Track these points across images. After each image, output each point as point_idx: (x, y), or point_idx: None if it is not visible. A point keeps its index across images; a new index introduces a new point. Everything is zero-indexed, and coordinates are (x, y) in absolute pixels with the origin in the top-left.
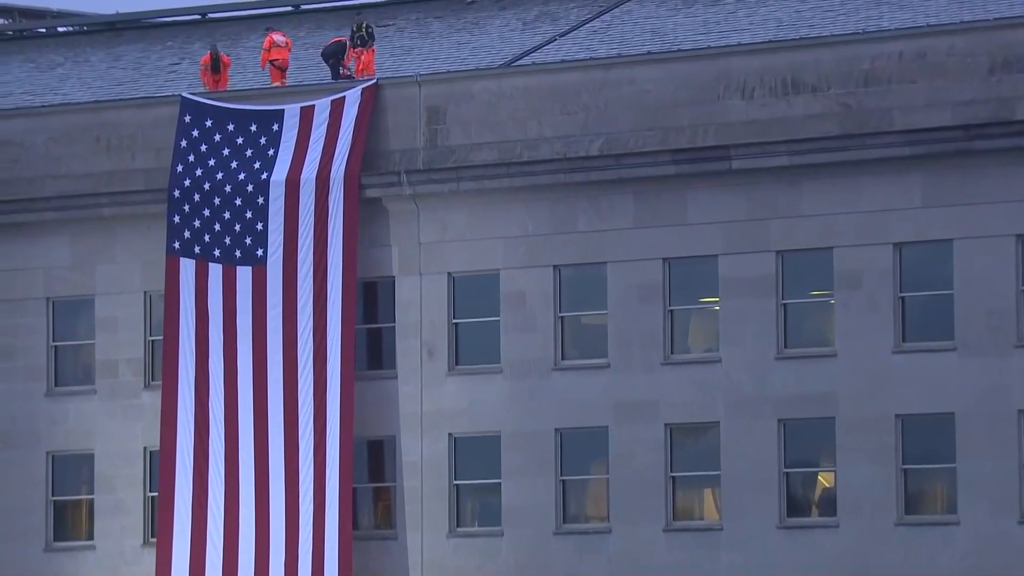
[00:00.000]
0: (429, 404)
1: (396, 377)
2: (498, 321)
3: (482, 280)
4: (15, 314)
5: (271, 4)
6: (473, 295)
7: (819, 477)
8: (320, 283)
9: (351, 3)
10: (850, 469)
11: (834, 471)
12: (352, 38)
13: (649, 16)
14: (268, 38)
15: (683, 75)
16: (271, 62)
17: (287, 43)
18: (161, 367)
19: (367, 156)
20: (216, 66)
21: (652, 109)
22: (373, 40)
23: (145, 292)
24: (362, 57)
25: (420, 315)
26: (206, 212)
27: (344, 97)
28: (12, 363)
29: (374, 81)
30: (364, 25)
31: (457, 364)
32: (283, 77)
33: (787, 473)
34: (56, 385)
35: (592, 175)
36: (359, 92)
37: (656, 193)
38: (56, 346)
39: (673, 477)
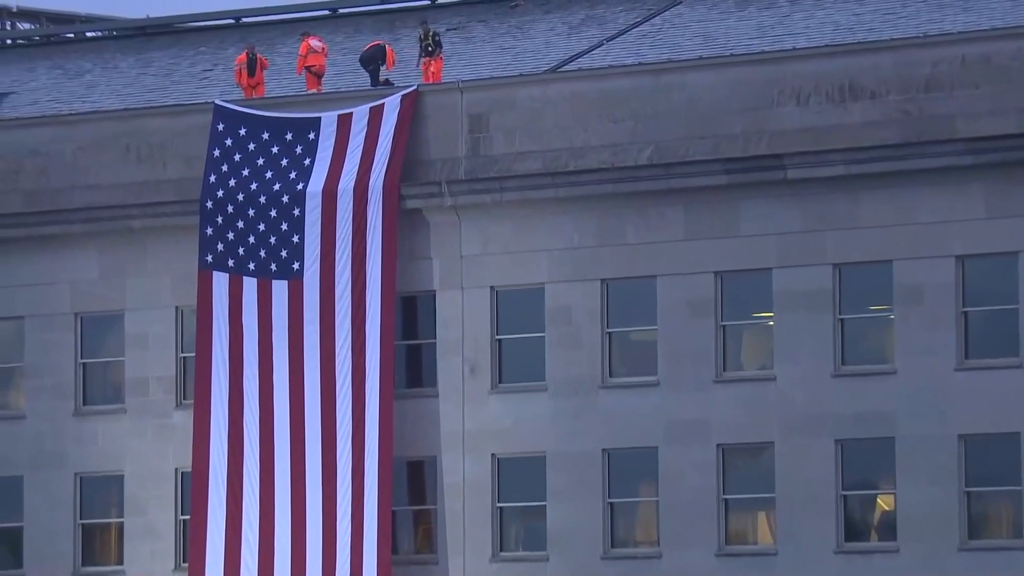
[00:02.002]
0: (471, 423)
1: (437, 395)
2: (543, 337)
3: (526, 294)
4: (42, 330)
5: (307, 8)
6: (517, 310)
7: (878, 500)
8: (358, 297)
9: (390, 7)
10: (910, 491)
11: (894, 493)
12: (420, 47)
13: (700, 19)
14: (304, 43)
15: (736, 81)
16: (307, 68)
17: (323, 48)
18: (193, 385)
19: (407, 165)
20: (253, 68)
21: (703, 116)
22: (441, 48)
23: (177, 307)
24: (431, 67)
25: (462, 331)
26: (240, 224)
27: (383, 104)
28: (39, 381)
29: (414, 88)
30: (431, 33)
31: (500, 382)
32: (319, 83)
33: (845, 496)
34: (84, 404)
35: (641, 185)
36: (399, 99)
37: (707, 204)
38: (84, 363)
39: (726, 500)
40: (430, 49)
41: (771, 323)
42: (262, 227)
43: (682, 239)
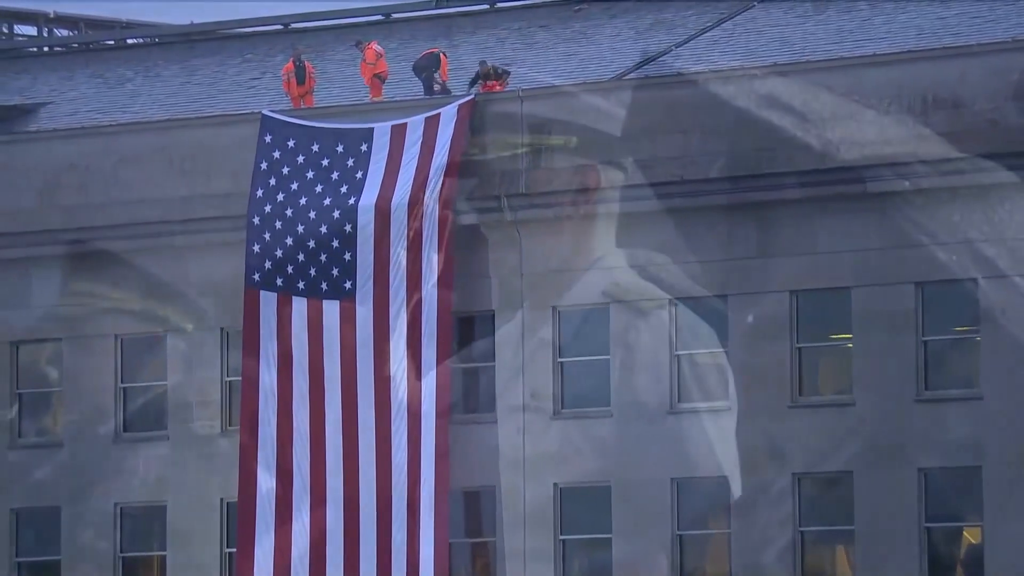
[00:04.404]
0: (532, 451)
1: (496, 421)
2: (608, 360)
3: (590, 315)
4: (80, 353)
5: (359, 13)
6: (580, 331)
7: (964, 533)
8: (413, 318)
9: (446, 11)
10: (999, 524)
11: (980, 526)
12: (479, 82)
13: (776, 24)
14: (370, 49)
15: (813, 88)
16: (376, 75)
17: (382, 53)
18: (239, 411)
19: (464, 178)
20: (301, 76)
21: (778, 126)
22: (508, 74)
23: (222, 328)
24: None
25: (522, 353)
26: (289, 241)
27: (439, 114)
28: (77, 406)
29: (472, 96)
30: (492, 69)
31: (563, 407)
32: (382, 90)
33: (928, 528)
34: (125, 431)
35: (711, 199)
36: (455, 108)
37: (782, 219)
38: (125, 388)
39: (802, 532)
40: (496, 74)
41: (850, 345)
42: (312, 244)
43: (755, 256)
